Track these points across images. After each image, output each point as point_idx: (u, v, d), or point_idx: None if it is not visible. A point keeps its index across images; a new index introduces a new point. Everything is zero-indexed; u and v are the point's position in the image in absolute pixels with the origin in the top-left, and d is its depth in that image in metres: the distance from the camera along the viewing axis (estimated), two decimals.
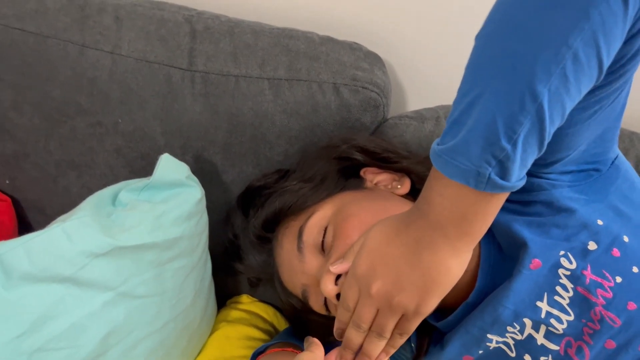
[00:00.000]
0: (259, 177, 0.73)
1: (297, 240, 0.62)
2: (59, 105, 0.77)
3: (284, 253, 0.65)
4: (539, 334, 0.56)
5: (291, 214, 0.65)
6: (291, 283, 0.65)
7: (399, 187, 0.65)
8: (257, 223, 0.67)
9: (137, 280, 0.62)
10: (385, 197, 0.63)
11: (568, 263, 0.54)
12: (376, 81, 0.73)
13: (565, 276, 0.54)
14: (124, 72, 0.74)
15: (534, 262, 0.54)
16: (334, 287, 0.57)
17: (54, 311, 0.56)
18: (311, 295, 0.63)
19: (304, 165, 0.68)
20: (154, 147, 0.76)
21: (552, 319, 0.55)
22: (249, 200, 0.72)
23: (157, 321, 0.66)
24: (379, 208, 0.60)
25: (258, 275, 0.71)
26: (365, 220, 0.58)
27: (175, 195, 0.65)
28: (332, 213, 0.62)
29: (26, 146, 0.80)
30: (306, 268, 0.61)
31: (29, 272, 0.54)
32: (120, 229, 0.60)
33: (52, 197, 0.82)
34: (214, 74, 0.73)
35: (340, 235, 0.59)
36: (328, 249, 0.60)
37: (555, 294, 0.54)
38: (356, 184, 0.66)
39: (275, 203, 0.65)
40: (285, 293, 0.67)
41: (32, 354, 0.55)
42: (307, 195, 0.64)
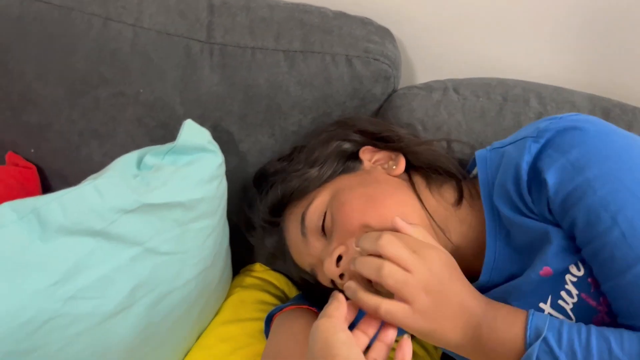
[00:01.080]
0: (268, 162, 0.76)
1: (300, 226, 0.66)
2: (82, 76, 0.80)
3: (290, 236, 0.69)
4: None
5: (294, 200, 0.68)
6: (300, 262, 0.69)
7: (394, 167, 0.67)
8: (264, 209, 0.71)
9: (162, 238, 0.65)
10: (379, 180, 0.66)
11: (576, 270, 0.55)
12: (387, 53, 0.77)
13: (571, 282, 0.55)
14: (145, 44, 0.77)
15: (545, 270, 0.55)
16: (336, 269, 0.61)
17: (86, 263, 0.59)
18: (319, 273, 0.67)
19: (306, 149, 0.71)
20: (174, 116, 0.79)
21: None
22: (258, 185, 0.75)
23: (180, 279, 0.69)
24: (372, 194, 0.63)
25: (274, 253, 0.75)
26: (357, 206, 0.61)
27: (198, 159, 0.69)
28: (329, 198, 0.65)
29: (50, 116, 0.83)
30: (311, 251, 0.65)
31: (63, 224, 0.57)
32: (147, 188, 0.64)
33: (75, 165, 0.85)
34: (231, 46, 0.77)
35: (337, 222, 0.62)
36: (329, 233, 0.64)
37: (560, 298, 0.56)
38: (354, 166, 0.68)
39: (279, 190, 0.69)
40: (297, 270, 0.71)
41: (66, 302, 0.58)
42: (308, 181, 0.67)
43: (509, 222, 0.58)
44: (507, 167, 0.58)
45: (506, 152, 0.60)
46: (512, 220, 0.57)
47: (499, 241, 0.60)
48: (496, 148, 0.62)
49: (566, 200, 0.52)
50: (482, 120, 0.74)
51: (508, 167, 0.58)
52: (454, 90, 0.77)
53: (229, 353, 0.77)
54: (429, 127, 0.75)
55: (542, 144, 0.55)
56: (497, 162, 0.60)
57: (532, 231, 0.56)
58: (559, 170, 0.53)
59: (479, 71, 0.85)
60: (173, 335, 0.74)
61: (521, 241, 0.58)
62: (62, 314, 0.58)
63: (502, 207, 0.58)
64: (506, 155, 0.59)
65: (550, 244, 0.54)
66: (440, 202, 0.65)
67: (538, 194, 0.55)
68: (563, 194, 0.53)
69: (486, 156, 0.63)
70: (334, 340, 0.49)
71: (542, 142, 0.55)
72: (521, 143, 0.57)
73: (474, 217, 0.64)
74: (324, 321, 0.51)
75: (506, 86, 0.77)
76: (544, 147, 0.55)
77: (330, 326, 0.50)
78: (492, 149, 0.63)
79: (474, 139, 0.74)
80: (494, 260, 0.60)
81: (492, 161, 0.62)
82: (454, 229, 0.64)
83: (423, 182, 0.66)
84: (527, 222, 0.56)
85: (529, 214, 0.56)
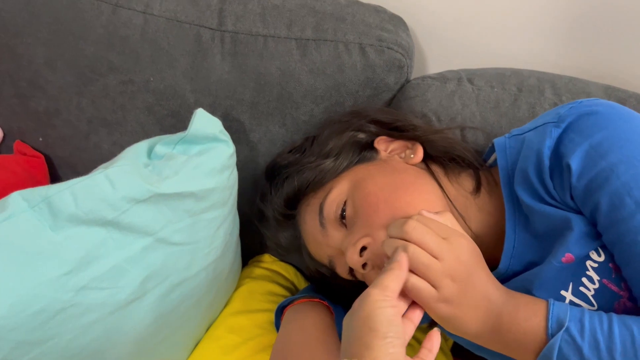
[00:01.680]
0: (279, 155, 0.75)
1: (318, 216, 0.65)
2: (91, 63, 0.79)
3: (307, 228, 0.67)
4: None
5: (311, 191, 0.67)
6: (318, 254, 0.68)
7: (412, 156, 0.66)
8: (279, 202, 0.69)
9: (174, 228, 0.65)
10: (398, 169, 0.65)
11: (597, 256, 0.55)
12: (401, 42, 0.75)
13: (592, 268, 0.55)
14: (156, 32, 0.76)
15: (567, 257, 0.54)
16: (359, 259, 0.60)
17: (97, 253, 0.59)
18: (337, 264, 0.66)
19: (319, 140, 0.70)
20: (184, 105, 0.78)
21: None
22: (271, 178, 0.74)
23: (191, 269, 0.69)
24: (394, 183, 0.62)
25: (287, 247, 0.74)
26: (382, 197, 0.60)
27: (209, 149, 0.68)
28: (348, 187, 0.64)
29: (58, 103, 0.82)
30: (330, 241, 0.64)
31: (74, 214, 0.57)
32: (159, 178, 0.63)
33: (84, 154, 0.85)
34: (242, 33, 0.76)
35: (361, 213, 0.61)
36: (350, 223, 0.63)
37: (581, 284, 0.55)
38: (370, 155, 0.67)
39: (294, 182, 0.68)
40: (314, 263, 0.70)
41: (78, 292, 0.57)
42: (324, 172, 0.66)
43: (528, 209, 0.58)
44: (528, 154, 0.57)
45: (527, 138, 0.59)
46: (533, 208, 0.57)
47: (518, 228, 0.59)
48: (515, 135, 0.62)
49: (589, 185, 0.52)
50: (497, 110, 0.73)
51: (529, 153, 0.57)
52: (468, 81, 0.76)
53: (238, 344, 0.77)
54: (443, 118, 0.74)
55: (563, 128, 0.55)
56: (517, 149, 0.60)
57: (552, 218, 0.56)
58: (582, 155, 0.53)
59: (492, 61, 0.84)
60: (184, 325, 0.74)
61: (541, 228, 0.57)
62: (74, 303, 0.57)
63: (523, 194, 0.58)
64: (527, 142, 0.59)
65: (571, 231, 0.54)
66: (459, 190, 0.64)
67: (560, 179, 0.55)
68: (586, 179, 0.52)
69: (505, 143, 0.62)
70: (379, 314, 0.46)
71: (563, 126, 0.55)
72: (542, 129, 0.57)
73: (492, 205, 0.64)
74: (377, 291, 0.48)
75: (521, 76, 0.76)
76: (566, 131, 0.55)
77: (381, 298, 0.47)
78: (510, 136, 0.62)
79: (489, 130, 0.73)
80: (513, 247, 0.59)
81: (511, 148, 0.61)
82: (474, 216, 0.63)
83: (441, 171, 0.66)
84: (547, 210, 0.56)
85: (550, 200, 0.56)
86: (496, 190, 0.64)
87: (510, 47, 0.85)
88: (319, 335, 0.68)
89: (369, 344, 0.45)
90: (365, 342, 0.45)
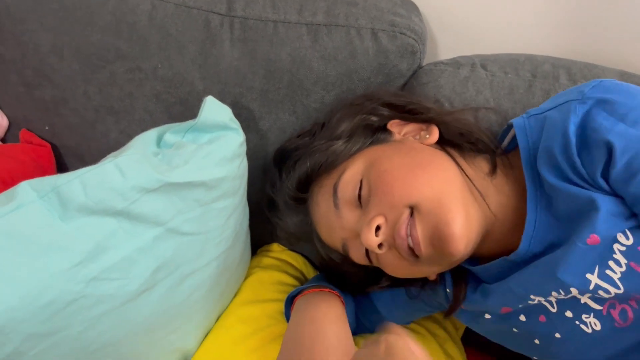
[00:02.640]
0: (288, 140, 0.74)
1: (332, 197, 0.63)
2: (98, 50, 0.77)
3: (320, 211, 0.66)
4: (583, 297, 0.57)
5: (323, 173, 0.66)
6: (330, 239, 0.67)
7: (427, 137, 0.65)
8: (291, 185, 0.68)
9: (184, 218, 0.63)
10: (415, 148, 0.64)
11: (625, 239, 0.53)
12: (414, 27, 0.74)
13: (619, 251, 0.53)
14: (164, 17, 0.75)
15: (592, 238, 0.53)
16: (375, 238, 0.59)
17: (108, 243, 0.58)
18: (351, 248, 0.65)
19: (330, 124, 0.69)
20: (193, 92, 0.77)
21: (600, 291, 0.54)
22: (280, 163, 0.73)
23: (201, 259, 0.68)
24: (410, 162, 0.61)
25: (297, 234, 0.73)
26: (398, 176, 0.59)
27: (219, 137, 0.67)
28: (364, 167, 0.63)
29: (65, 92, 0.81)
30: (344, 223, 0.63)
31: (84, 204, 0.56)
32: (168, 167, 0.62)
33: (91, 142, 0.84)
34: (252, 19, 0.74)
35: (377, 191, 0.60)
36: (365, 203, 0.61)
37: (607, 268, 0.53)
38: (384, 137, 0.66)
39: (307, 164, 0.66)
40: (326, 249, 0.69)
41: (89, 283, 0.57)
42: (337, 153, 0.65)
43: (552, 189, 0.56)
44: (553, 132, 0.56)
45: (548, 117, 0.58)
46: (557, 187, 0.55)
47: (539, 209, 0.58)
48: (534, 115, 0.60)
49: (632, 162, 0.51)
50: (511, 97, 0.72)
51: (553, 131, 0.56)
52: (482, 67, 0.75)
53: (249, 334, 0.76)
54: (457, 104, 0.73)
55: (591, 105, 0.54)
56: (538, 128, 0.59)
57: (577, 198, 0.54)
58: (622, 131, 0.51)
59: (505, 46, 0.83)
60: (194, 315, 0.73)
61: (564, 209, 0.56)
62: (85, 295, 0.57)
63: (546, 174, 0.56)
64: (549, 121, 0.57)
65: (597, 211, 0.52)
66: (477, 171, 0.63)
67: (589, 156, 0.53)
68: (629, 155, 0.51)
69: (524, 123, 0.61)
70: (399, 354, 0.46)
71: (590, 103, 0.54)
72: (565, 107, 0.56)
73: (509, 187, 0.62)
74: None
75: (535, 62, 0.75)
76: (594, 107, 0.53)
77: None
78: (529, 116, 0.61)
79: (502, 116, 0.72)
80: (534, 228, 0.58)
81: (532, 128, 0.60)
82: (493, 197, 0.62)
83: (457, 153, 0.65)
84: (572, 189, 0.54)
85: (576, 180, 0.54)
86: (512, 174, 0.63)
87: (524, 32, 0.84)
88: (330, 326, 0.67)
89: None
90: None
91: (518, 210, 0.60)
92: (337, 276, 0.74)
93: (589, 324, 0.57)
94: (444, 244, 0.57)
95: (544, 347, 0.62)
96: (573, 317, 0.58)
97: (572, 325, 0.58)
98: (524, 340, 0.64)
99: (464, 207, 0.58)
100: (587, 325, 0.58)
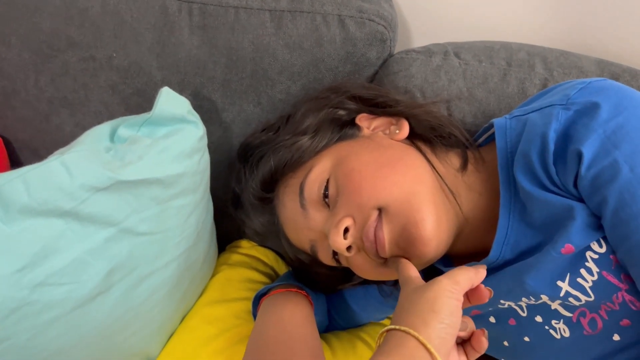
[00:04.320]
0: (251, 134, 0.70)
1: (299, 197, 0.60)
2: (48, 38, 0.73)
3: (287, 211, 0.63)
4: (553, 303, 0.55)
5: (289, 171, 0.62)
6: (298, 240, 0.64)
7: (397, 132, 0.62)
8: (255, 184, 0.64)
9: (140, 217, 0.60)
10: (384, 145, 0.61)
11: (598, 247, 0.51)
12: (383, 14, 0.70)
13: (592, 259, 0.52)
14: (118, 3, 0.71)
15: (567, 247, 0.51)
16: (343, 241, 0.56)
17: (55, 246, 0.54)
18: (320, 249, 0.62)
19: (295, 118, 0.65)
20: (150, 83, 0.73)
21: (570, 298, 0.53)
22: (244, 160, 0.69)
23: (160, 259, 0.65)
24: (379, 160, 0.58)
25: (264, 234, 0.69)
26: (366, 175, 0.56)
27: (177, 131, 0.63)
28: (331, 165, 0.59)
29: (15, 83, 0.77)
30: (311, 224, 0.60)
31: (28, 205, 0.52)
32: (121, 163, 0.58)
33: (45, 136, 0.79)
34: (212, 5, 0.70)
35: (344, 191, 0.57)
36: (333, 203, 0.58)
37: (579, 276, 0.52)
38: (352, 133, 0.63)
39: (271, 161, 0.62)
40: (293, 250, 0.66)
41: (34, 288, 0.53)
42: (302, 150, 0.61)
43: (527, 195, 0.54)
44: (532, 137, 0.53)
45: (529, 120, 0.55)
46: (532, 194, 0.53)
47: (512, 215, 0.56)
48: (517, 116, 0.57)
49: (599, 175, 0.48)
50: (485, 86, 0.69)
51: (532, 136, 0.53)
52: (455, 55, 0.72)
53: (215, 335, 0.73)
54: (429, 94, 0.70)
55: (574, 111, 0.51)
56: (519, 131, 0.56)
57: (553, 206, 0.52)
58: (597, 142, 0.49)
59: (479, 34, 0.80)
60: (155, 318, 0.70)
61: (539, 216, 0.54)
62: (30, 301, 0.53)
63: (522, 180, 0.54)
64: (529, 124, 0.54)
65: (573, 220, 0.50)
66: (447, 168, 0.60)
67: (564, 165, 0.51)
68: (596, 168, 0.48)
69: (505, 124, 0.58)
70: (445, 302, 0.47)
71: (574, 109, 0.51)
72: (548, 111, 0.52)
73: (481, 185, 0.60)
74: (448, 283, 0.48)
75: (510, 50, 0.72)
76: (577, 115, 0.50)
77: (450, 290, 0.48)
78: (511, 117, 0.58)
79: (476, 106, 0.69)
80: (506, 235, 0.56)
81: (512, 130, 0.57)
82: (464, 195, 0.59)
83: (428, 148, 0.62)
84: (549, 197, 0.52)
85: (552, 187, 0.52)
86: (484, 170, 0.60)
87: (498, 19, 0.81)
88: (296, 329, 0.65)
89: (428, 322, 0.46)
90: (424, 319, 0.46)
91: (491, 212, 0.58)
92: (306, 275, 0.72)
93: (558, 330, 0.56)
94: (413, 246, 0.54)
95: (513, 350, 0.61)
96: (542, 322, 0.57)
97: (541, 329, 0.57)
98: (493, 341, 0.62)
99: (435, 207, 0.55)
100: (556, 330, 0.56)
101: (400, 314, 0.48)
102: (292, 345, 0.62)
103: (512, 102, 0.68)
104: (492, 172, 0.59)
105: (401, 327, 0.46)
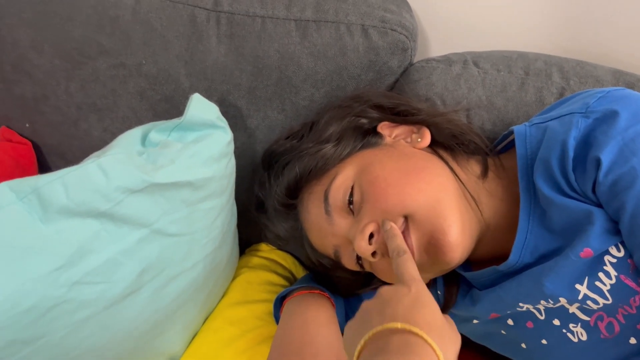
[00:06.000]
0: (275, 141, 0.72)
1: (323, 204, 0.62)
2: (79, 45, 0.75)
3: (311, 217, 0.64)
4: (571, 307, 0.56)
5: (313, 178, 0.64)
6: (322, 245, 0.65)
7: (419, 140, 0.63)
8: (280, 191, 0.66)
9: (170, 219, 0.62)
10: (407, 153, 0.62)
11: (616, 251, 0.53)
12: (404, 23, 0.72)
13: (610, 263, 0.53)
14: (148, 12, 0.73)
15: (586, 251, 0.52)
16: (368, 247, 0.57)
17: (90, 246, 0.56)
18: (343, 254, 0.63)
19: (318, 126, 0.67)
20: (178, 89, 0.75)
21: (588, 301, 0.54)
22: (269, 167, 0.71)
23: (188, 261, 0.66)
24: (403, 168, 0.60)
25: (287, 239, 0.71)
26: (391, 182, 0.58)
27: (206, 136, 0.65)
28: (355, 172, 0.61)
29: (46, 88, 0.79)
30: (336, 230, 0.61)
31: (66, 206, 0.54)
32: (154, 166, 0.60)
33: (73, 141, 0.81)
34: (239, 14, 0.72)
35: (369, 198, 0.58)
36: (357, 209, 0.60)
37: (597, 279, 0.53)
38: (375, 141, 0.64)
39: (295, 169, 0.64)
40: (316, 255, 0.68)
41: (71, 287, 0.55)
42: (326, 157, 0.63)
43: (547, 201, 0.55)
44: (552, 143, 0.55)
45: (549, 127, 0.56)
46: (552, 200, 0.54)
47: (532, 220, 0.57)
48: (537, 124, 0.59)
49: (617, 182, 0.50)
50: (504, 95, 0.71)
51: (552, 143, 0.54)
52: (474, 64, 0.74)
53: (237, 336, 0.75)
54: (449, 102, 0.72)
55: (594, 119, 0.52)
56: (539, 138, 0.57)
57: (573, 212, 0.53)
58: (615, 149, 0.50)
59: (497, 43, 0.82)
60: (181, 318, 0.72)
61: (558, 221, 0.55)
62: (67, 299, 0.55)
63: (542, 186, 0.55)
64: (549, 131, 0.56)
65: (592, 225, 0.52)
66: (469, 175, 0.62)
67: (583, 171, 0.52)
68: (615, 175, 0.50)
69: (525, 132, 0.59)
70: (428, 301, 0.46)
71: (593, 117, 0.52)
72: (568, 118, 0.54)
73: (502, 191, 0.61)
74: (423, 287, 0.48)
75: (527, 60, 0.74)
76: (597, 122, 0.52)
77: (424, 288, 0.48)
78: (531, 125, 0.60)
79: (495, 114, 0.71)
80: (525, 239, 0.57)
81: (532, 137, 0.58)
82: (485, 201, 0.61)
83: (449, 156, 0.63)
84: (568, 202, 0.53)
85: (571, 193, 0.54)
86: (505, 177, 0.62)
87: (516, 29, 0.83)
88: (320, 329, 0.66)
89: (421, 311, 0.45)
90: (417, 309, 0.45)
91: (512, 218, 0.59)
92: (326, 278, 0.73)
93: (576, 333, 0.57)
94: (440, 253, 0.56)
95: (530, 352, 0.62)
96: (560, 325, 0.58)
97: (558, 333, 0.58)
98: (511, 343, 0.63)
99: (460, 214, 0.57)
100: (573, 334, 0.57)
101: (388, 312, 0.47)
102: (315, 346, 0.64)
103: (530, 110, 0.69)
104: (512, 179, 0.61)
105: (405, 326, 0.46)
